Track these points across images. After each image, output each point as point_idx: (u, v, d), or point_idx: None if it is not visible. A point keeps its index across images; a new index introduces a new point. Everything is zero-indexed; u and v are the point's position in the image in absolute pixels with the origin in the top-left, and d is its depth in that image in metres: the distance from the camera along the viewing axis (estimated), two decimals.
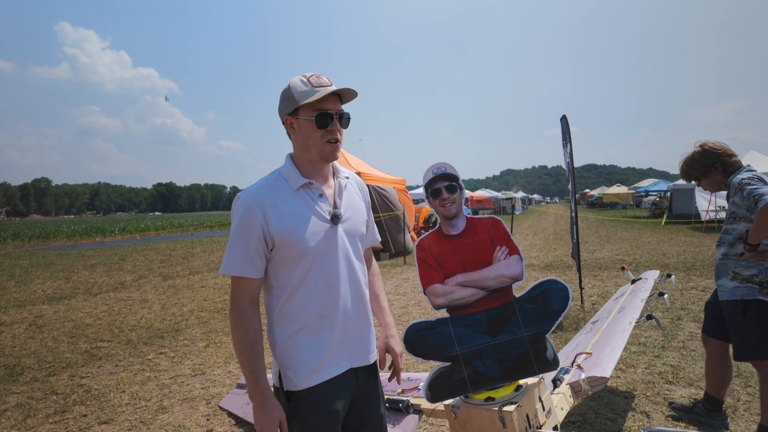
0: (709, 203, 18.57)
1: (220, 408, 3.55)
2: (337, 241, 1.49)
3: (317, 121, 1.43)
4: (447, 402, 1.98)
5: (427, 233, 2.01)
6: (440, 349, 1.95)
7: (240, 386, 3.65)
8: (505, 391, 1.92)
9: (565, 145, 5.33)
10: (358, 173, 11.67)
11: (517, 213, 43.14)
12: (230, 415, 3.44)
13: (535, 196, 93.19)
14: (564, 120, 5.40)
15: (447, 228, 1.98)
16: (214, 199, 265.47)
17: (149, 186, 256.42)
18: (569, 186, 5.41)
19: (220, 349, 5.10)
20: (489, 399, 1.90)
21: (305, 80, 1.44)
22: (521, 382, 1.97)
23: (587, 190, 73.13)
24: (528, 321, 1.94)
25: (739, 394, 3.38)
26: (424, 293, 1.98)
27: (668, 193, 27.00)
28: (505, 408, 1.78)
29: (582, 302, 6.11)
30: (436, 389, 1.95)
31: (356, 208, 1.60)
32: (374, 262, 1.81)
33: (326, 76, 1.47)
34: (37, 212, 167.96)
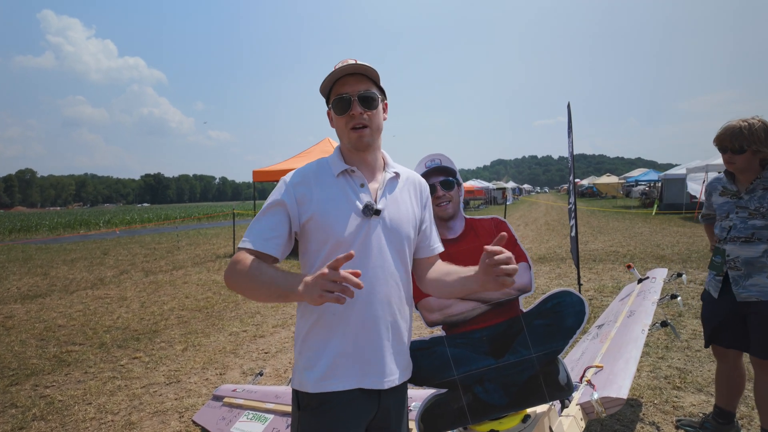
0: (701, 193, 18.51)
1: (194, 422, 3.24)
2: (370, 235, 1.31)
3: (334, 107, 1.35)
4: None
5: None
6: (435, 373, 1.66)
7: (216, 398, 3.34)
8: (510, 422, 1.64)
9: (569, 134, 5.07)
10: None
11: (508, 203, 43.08)
12: (204, 431, 3.14)
13: (526, 186, 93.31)
14: (568, 107, 5.13)
15: (442, 231, 1.68)
16: (203, 190, 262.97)
17: (137, 177, 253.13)
18: (570, 176, 5.14)
19: (199, 353, 4.79)
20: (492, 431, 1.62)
21: (333, 68, 1.33)
22: (529, 410, 1.69)
23: (577, 180, 73.37)
24: (537, 339, 1.66)
25: (753, 401, 3.15)
26: (416, 308, 1.68)
27: (658, 183, 27.01)
28: None
29: None
30: (429, 420, 1.66)
31: (403, 207, 1.40)
32: (443, 264, 1.51)
33: (355, 58, 1.35)
34: (23, 204, 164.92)
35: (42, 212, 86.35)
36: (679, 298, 2.92)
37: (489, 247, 1.15)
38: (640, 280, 3.46)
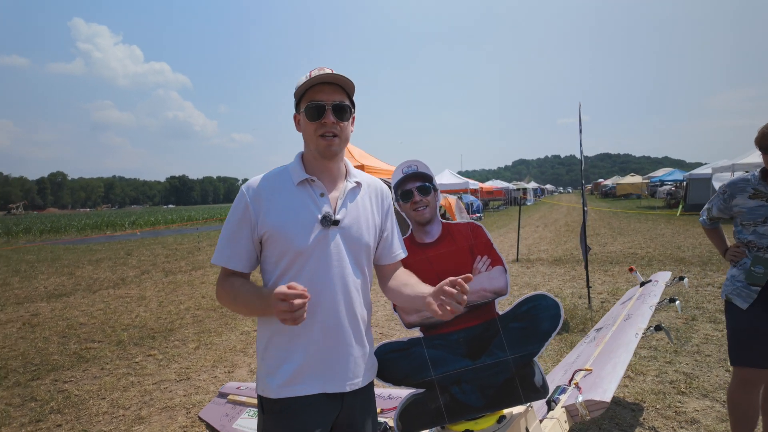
0: None
1: (199, 419, 3.36)
2: (329, 245, 1.35)
3: (307, 112, 1.35)
4: None
5: None
6: (413, 373, 1.70)
7: (221, 395, 3.45)
8: (486, 423, 1.67)
9: (580, 134, 5.03)
10: (361, 166, 11.39)
11: (528, 203, 42.53)
12: (208, 427, 3.24)
13: (548, 186, 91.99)
14: (579, 108, 5.09)
15: (420, 235, 1.72)
16: (227, 192, 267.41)
17: (163, 179, 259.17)
18: (582, 178, 5.10)
19: (210, 352, 4.92)
20: (467, 431, 1.65)
21: (307, 75, 1.36)
22: (506, 411, 1.72)
23: (600, 180, 71.96)
24: (513, 342, 1.69)
25: None
26: (395, 310, 1.73)
27: (684, 183, 26.29)
28: None
29: (589, 301, 5.81)
30: (408, 419, 1.71)
31: (363, 217, 1.43)
32: (405, 273, 1.57)
33: (330, 68, 1.36)
34: (54, 206, 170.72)
35: (72, 213, 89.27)
36: (677, 302, 2.88)
37: (454, 279, 1.20)
38: (642, 284, 3.42)
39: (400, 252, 1.56)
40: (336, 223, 1.36)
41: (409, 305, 1.45)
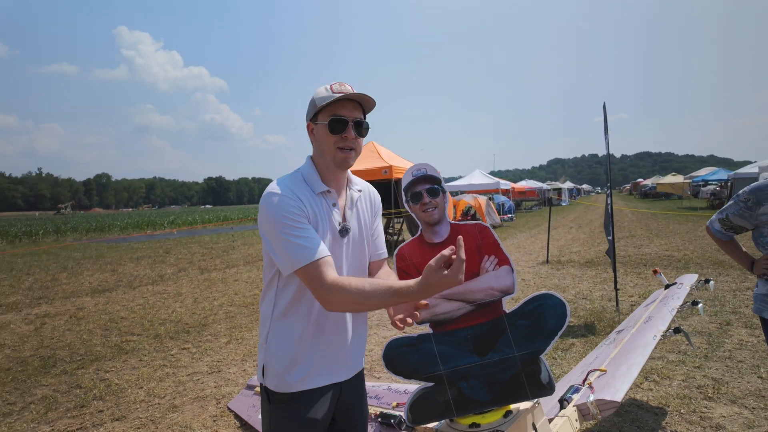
0: None
1: (228, 409, 3.53)
2: (342, 254, 1.48)
3: (330, 125, 1.42)
4: (431, 425, 1.82)
5: (407, 241, 1.84)
6: (422, 367, 1.77)
7: (249, 387, 3.62)
8: (492, 417, 1.73)
9: (606, 134, 4.96)
10: (389, 167, 11.48)
11: (563, 204, 41.55)
12: (236, 417, 3.41)
13: (585, 186, 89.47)
14: (603, 108, 5.02)
15: (429, 235, 1.79)
16: (261, 192, 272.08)
17: (200, 180, 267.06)
18: (607, 179, 5.03)
19: (240, 346, 5.12)
20: (474, 425, 1.71)
21: (328, 88, 1.43)
22: (513, 407, 1.77)
23: (639, 180, 69.52)
24: (520, 339, 1.73)
25: None
26: None
27: (728, 183, 25.13)
28: None
29: (617, 304, 5.70)
30: (417, 411, 1.78)
31: (364, 223, 1.58)
32: (384, 272, 1.65)
33: (351, 85, 1.44)
34: (99, 206, 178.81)
35: (115, 213, 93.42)
36: (700, 305, 2.82)
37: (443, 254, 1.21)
38: (667, 286, 3.36)
39: (383, 251, 1.69)
40: (347, 231, 1.49)
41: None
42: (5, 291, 9.32)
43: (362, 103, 1.48)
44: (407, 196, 1.80)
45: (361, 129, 1.47)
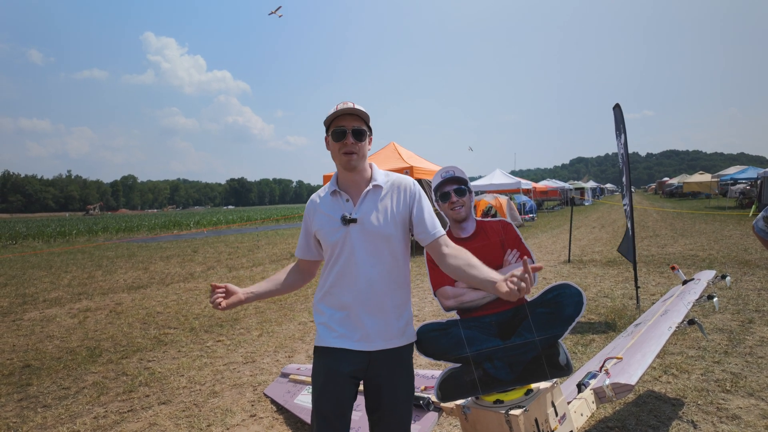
0: None
1: (264, 395, 3.78)
2: (351, 239, 1.74)
3: (332, 135, 1.75)
4: (458, 402, 2.01)
5: None
6: (450, 350, 1.97)
7: (283, 375, 3.86)
8: (515, 395, 1.91)
9: (618, 136, 5.05)
10: (410, 167, 11.66)
11: (586, 204, 41.05)
12: (273, 402, 3.66)
13: (608, 185, 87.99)
14: (617, 109, 5.10)
15: (456, 231, 1.99)
16: (282, 193, 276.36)
17: (223, 181, 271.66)
18: (623, 179, 5.12)
19: (272, 339, 5.39)
20: (498, 401, 1.90)
21: (335, 107, 1.75)
22: (533, 386, 1.95)
23: (666, 179, 68.01)
24: (540, 325, 1.92)
25: None
26: (435, 295, 2.01)
27: (758, 181, 24.51)
28: (512, 411, 1.79)
29: (638, 301, 5.78)
30: (446, 389, 1.98)
31: (382, 212, 1.76)
32: (450, 249, 1.75)
33: (353, 102, 1.76)
34: (126, 207, 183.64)
35: (141, 214, 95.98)
36: (715, 300, 2.94)
37: (518, 273, 1.46)
38: (684, 282, 3.47)
39: (437, 231, 1.76)
40: (354, 221, 1.74)
41: (473, 285, 1.75)
42: (47, 287, 9.85)
43: (360, 116, 1.76)
44: (437, 196, 2.00)
45: (360, 135, 1.75)
